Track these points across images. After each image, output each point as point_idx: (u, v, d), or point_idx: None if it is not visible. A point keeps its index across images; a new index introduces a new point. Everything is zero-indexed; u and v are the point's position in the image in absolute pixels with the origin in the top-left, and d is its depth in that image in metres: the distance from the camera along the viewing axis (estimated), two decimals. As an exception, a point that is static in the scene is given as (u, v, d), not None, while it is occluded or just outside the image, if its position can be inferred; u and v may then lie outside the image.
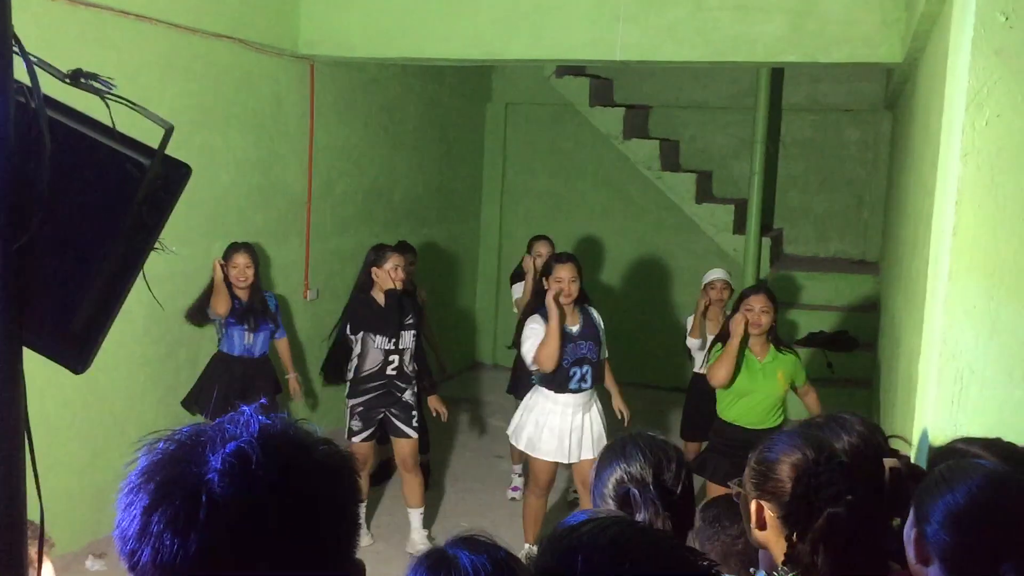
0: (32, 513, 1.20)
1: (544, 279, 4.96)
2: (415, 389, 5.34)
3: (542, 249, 6.13)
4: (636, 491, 2.10)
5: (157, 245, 1.27)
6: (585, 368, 4.90)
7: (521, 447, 5.09)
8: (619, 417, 5.16)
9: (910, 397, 3.13)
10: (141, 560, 0.95)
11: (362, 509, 5.38)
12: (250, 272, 5.31)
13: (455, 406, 7.84)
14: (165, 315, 5.11)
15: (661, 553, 1.20)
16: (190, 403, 5.40)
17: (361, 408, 5.24)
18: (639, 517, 2.06)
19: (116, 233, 1.22)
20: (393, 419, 5.27)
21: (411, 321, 5.29)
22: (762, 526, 2.09)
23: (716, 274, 5.88)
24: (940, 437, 2.54)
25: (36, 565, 1.34)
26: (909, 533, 1.76)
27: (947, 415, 2.57)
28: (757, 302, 4.72)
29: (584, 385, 4.92)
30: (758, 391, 4.73)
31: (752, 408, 4.74)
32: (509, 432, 5.18)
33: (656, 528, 1.99)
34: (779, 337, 4.89)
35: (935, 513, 1.69)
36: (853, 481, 1.90)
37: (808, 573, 1.86)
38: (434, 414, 5.54)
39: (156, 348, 5.39)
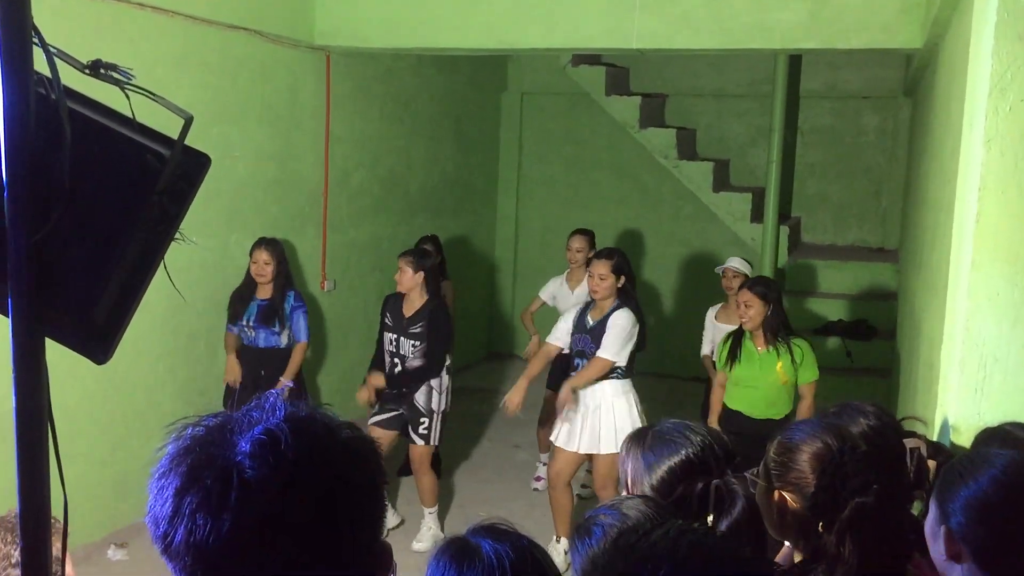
0: (55, 503, 1.21)
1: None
2: (430, 392, 5.26)
3: (573, 244, 6.13)
4: (720, 484, 1.96)
5: (178, 236, 1.28)
6: (584, 361, 4.93)
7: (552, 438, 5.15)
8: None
9: (931, 385, 3.11)
10: (175, 541, 0.96)
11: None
12: (268, 269, 5.33)
13: (472, 396, 7.85)
14: (184, 306, 5.13)
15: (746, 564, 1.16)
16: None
17: (381, 396, 5.33)
18: (724, 523, 1.96)
19: (137, 223, 1.22)
20: (407, 421, 5.32)
21: (416, 330, 5.22)
22: (784, 517, 2.08)
23: (729, 262, 5.90)
24: (963, 425, 2.52)
25: (60, 560, 1.35)
26: (936, 529, 1.73)
27: (971, 403, 2.54)
28: (742, 297, 4.86)
29: None
30: (757, 381, 4.83)
31: (753, 397, 4.84)
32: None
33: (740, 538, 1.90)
34: (787, 327, 4.89)
35: (962, 507, 1.65)
36: (877, 469, 1.88)
37: (834, 563, 1.85)
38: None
39: (175, 339, 5.42)
